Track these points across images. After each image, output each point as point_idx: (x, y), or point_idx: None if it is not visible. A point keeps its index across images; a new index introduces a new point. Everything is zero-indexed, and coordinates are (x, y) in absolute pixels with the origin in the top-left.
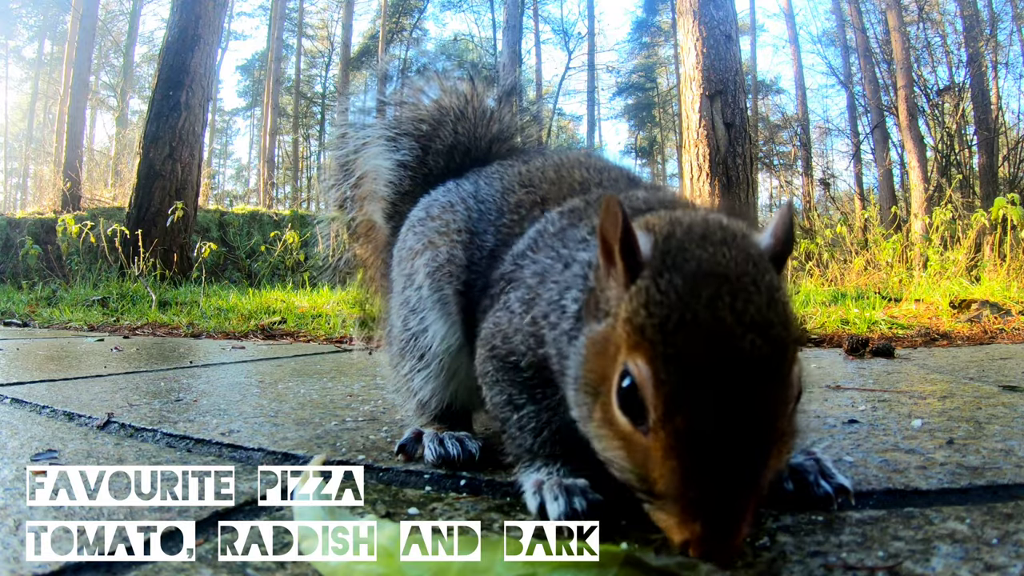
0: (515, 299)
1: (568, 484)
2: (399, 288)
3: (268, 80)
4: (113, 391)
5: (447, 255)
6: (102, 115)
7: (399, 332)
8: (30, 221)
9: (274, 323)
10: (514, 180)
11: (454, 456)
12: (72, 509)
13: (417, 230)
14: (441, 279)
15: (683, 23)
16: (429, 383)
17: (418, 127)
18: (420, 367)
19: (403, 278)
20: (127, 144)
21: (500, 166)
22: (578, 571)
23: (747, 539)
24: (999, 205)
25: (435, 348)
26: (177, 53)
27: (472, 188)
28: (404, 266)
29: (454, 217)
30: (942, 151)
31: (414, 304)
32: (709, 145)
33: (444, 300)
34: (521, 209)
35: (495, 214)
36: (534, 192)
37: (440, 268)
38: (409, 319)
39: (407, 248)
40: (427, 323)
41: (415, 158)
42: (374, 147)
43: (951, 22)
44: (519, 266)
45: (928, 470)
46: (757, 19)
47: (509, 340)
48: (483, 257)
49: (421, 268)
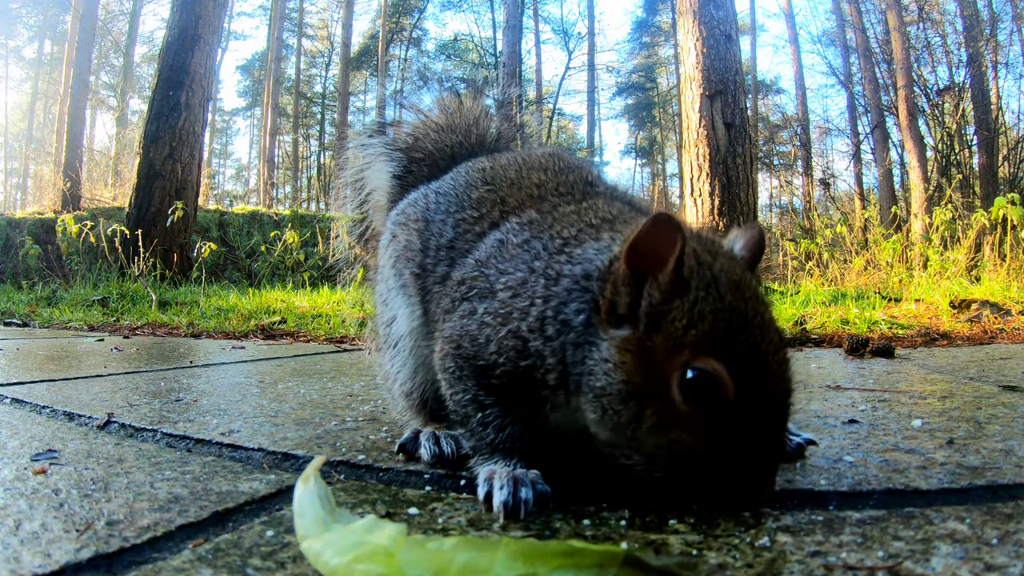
0: (485, 311)
1: (519, 475)
2: (377, 285)
3: (268, 80)
4: (113, 391)
5: (405, 242)
6: (102, 115)
7: (379, 327)
8: (30, 221)
9: (274, 323)
10: (477, 177)
11: (448, 454)
12: (72, 509)
13: (387, 227)
14: (401, 266)
15: (683, 23)
16: (404, 369)
17: (405, 140)
18: (395, 354)
19: (377, 274)
20: (127, 144)
21: (469, 163)
22: (578, 571)
23: (747, 539)
24: (999, 205)
25: (402, 331)
26: (177, 53)
27: (436, 184)
28: (379, 262)
29: (414, 209)
30: (942, 151)
31: (384, 295)
32: (709, 145)
33: (404, 284)
34: (482, 206)
35: (454, 206)
36: (494, 191)
37: (400, 256)
38: (382, 311)
39: (380, 246)
40: (394, 310)
41: (403, 168)
42: (377, 164)
43: (951, 22)
44: (484, 275)
45: (928, 470)
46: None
47: (480, 347)
48: (440, 246)
49: (387, 260)
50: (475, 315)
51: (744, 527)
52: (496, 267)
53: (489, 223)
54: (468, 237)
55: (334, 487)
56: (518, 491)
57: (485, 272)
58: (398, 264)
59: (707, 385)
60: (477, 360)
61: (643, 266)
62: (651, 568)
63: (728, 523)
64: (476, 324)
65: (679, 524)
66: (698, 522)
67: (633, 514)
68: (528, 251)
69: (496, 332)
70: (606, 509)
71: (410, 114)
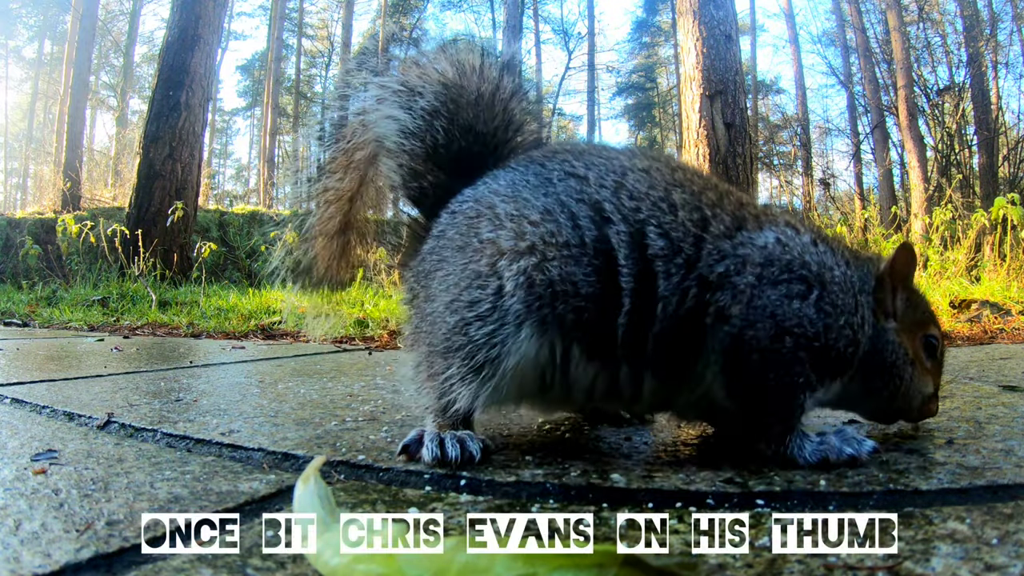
0: (820, 297)
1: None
2: (452, 285)
3: (268, 80)
4: (113, 391)
5: (559, 272)
6: (102, 115)
7: (446, 332)
8: (30, 221)
9: (274, 323)
10: (662, 180)
11: (452, 458)
12: (72, 509)
13: (496, 222)
14: (545, 296)
15: (683, 23)
16: (478, 392)
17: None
18: (469, 375)
19: (463, 276)
20: (127, 144)
21: (628, 162)
22: (578, 571)
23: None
24: (999, 205)
25: (510, 363)
26: (177, 53)
27: (577, 188)
28: (466, 261)
29: (557, 229)
30: (942, 151)
31: (485, 311)
32: (709, 145)
33: (544, 319)
34: (694, 212)
35: (664, 212)
36: (696, 197)
37: (548, 284)
38: (471, 326)
39: (477, 241)
40: (504, 337)
41: (420, 127)
42: (388, 102)
43: (951, 22)
44: (804, 262)
45: (928, 470)
46: (757, 19)
47: (823, 332)
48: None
49: (508, 274)
50: (791, 302)
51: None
52: (812, 270)
53: (735, 226)
54: (703, 239)
55: (334, 487)
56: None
57: (790, 268)
58: (539, 290)
59: (937, 343)
60: (813, 343)
61: (894, 279)
62: (651, 568)
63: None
64: (813, 309)
65: (679, 524)
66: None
67: (633, 514)
68: (820, 263)
69: (836, 320)
70: (606, 509)
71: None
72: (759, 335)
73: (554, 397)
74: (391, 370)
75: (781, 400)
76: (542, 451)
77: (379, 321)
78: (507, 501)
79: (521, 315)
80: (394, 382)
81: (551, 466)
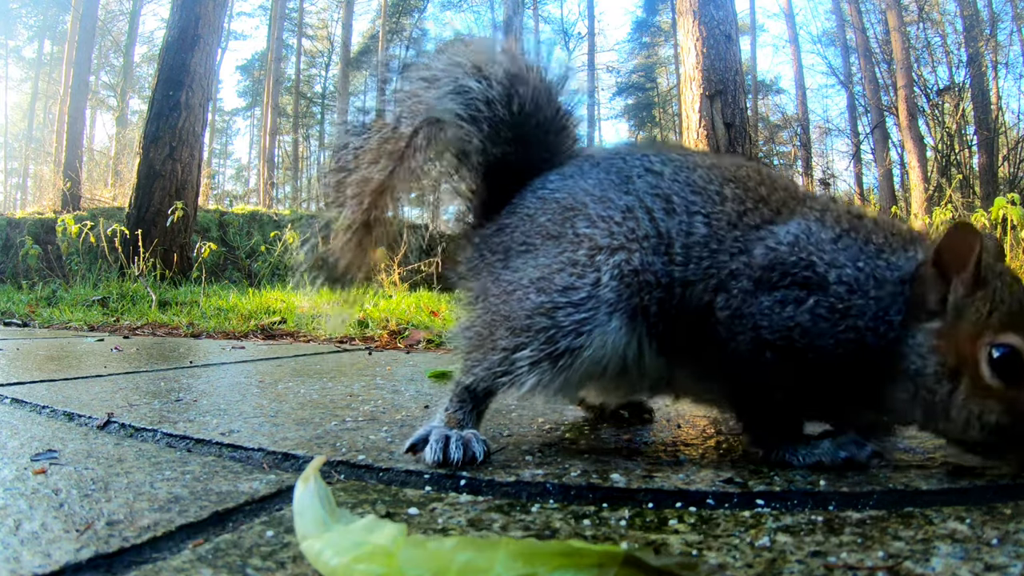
0: (817, 303)
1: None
2: (543, 265)
3: (268, 80)
4: (113, 391)
5: (640, 262)
6: (102, 115)
7: (529, 309)
8: (30, 221)
9: (274, 323)
10: (713, 175)
11: (454, 460)
12: (72, 509)
13: (590, 220)
14: (634, 287)
15: (683, 23)
16: (550, 380)
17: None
18: (545, 361)
19: (557, 259)
20: (127, 144)
21: (668, 160)
22: (578, 571)
23: (747, 539)
24: (999, 205)
25: (588, 354)
26: (177, 53)
27: (652, 186)
28: (560, 249)
29: (636, 225)
30: (942, 151)
31: (580, 299)
32: (709, 145)
33: (631, 309)
34: (742, 204)
35: (709, 205)
36: (747, 191)
37: (635, 273)
38: (560, 311)
39: (573, 234)
40: (593, 327)
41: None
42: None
43: (951, 22)
44: (810, 263)
45: (928, 470)
46: (757, 19)
47: (815, 340)
48: (690, 246)
49: (605, 268)
50: (799, 302)
51: (744, 527)
52: (826, 261)
53: (773, 216)
54: (747, 233)
55: (334, 487)
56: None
57: (810, 260)
58: (629, 281)
59: (1011, 362)
60: (817, 341)
61: (946, 268)
62: (651, 568)
63: (728, 523)
64: (799, 311)
65: (679, 524)
66: (698, 522)
67: (633, 514)
68: (849, 253)
69: (834, 326)
70: (606, 509)
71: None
72: (739, 348)
73: (619, 384)
74: (391, 370)
75: (770, 410)
76: (542, 451)
77: (379, 321)
78: (507, 501)
79: (613, 304)
80: (394, 382)
81: (551, 466)
